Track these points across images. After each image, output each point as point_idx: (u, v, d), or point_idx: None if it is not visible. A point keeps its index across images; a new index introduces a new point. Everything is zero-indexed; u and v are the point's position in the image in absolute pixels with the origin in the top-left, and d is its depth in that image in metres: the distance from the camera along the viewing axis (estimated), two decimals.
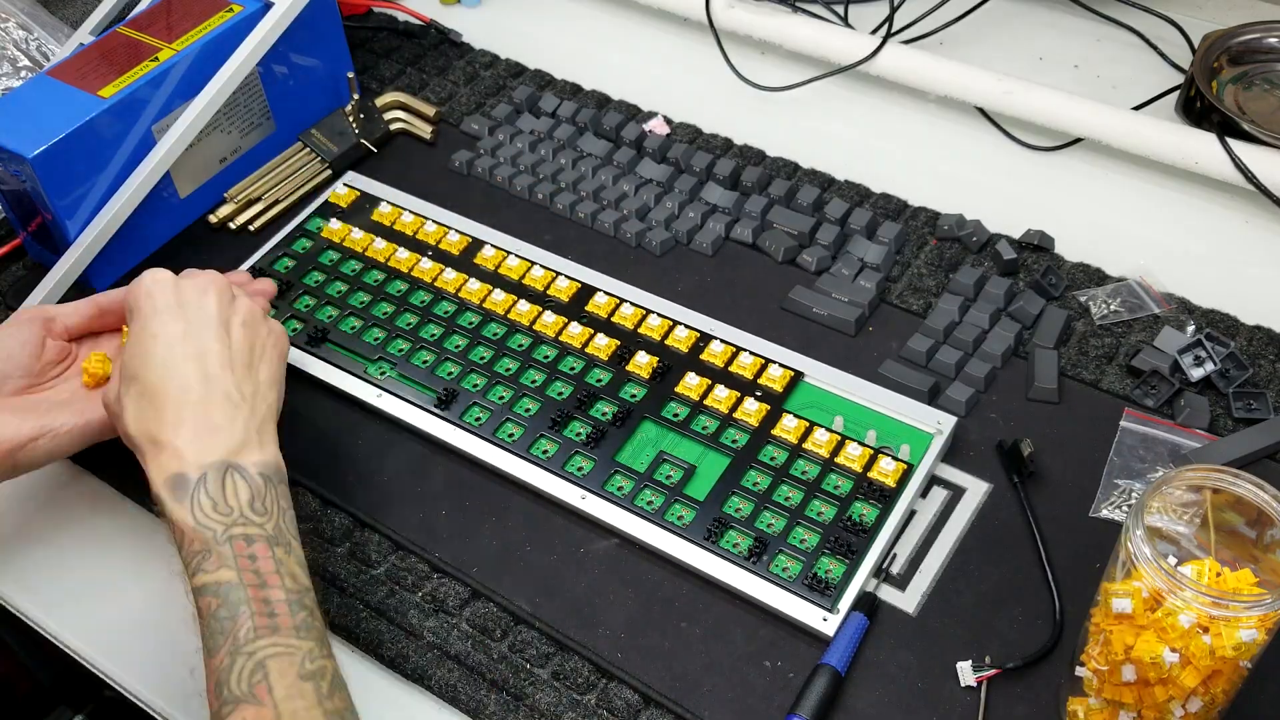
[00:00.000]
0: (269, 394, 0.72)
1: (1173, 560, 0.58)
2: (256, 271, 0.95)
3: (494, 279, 0.92)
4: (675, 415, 0.82)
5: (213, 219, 1.01)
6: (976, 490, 0.79)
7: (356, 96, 1.07)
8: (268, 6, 0.97)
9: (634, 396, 0.84)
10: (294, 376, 0.84)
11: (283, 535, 0.66)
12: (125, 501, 0.83)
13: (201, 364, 0.69)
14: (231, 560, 0.63)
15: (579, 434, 0.82)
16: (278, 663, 0.61)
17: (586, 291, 0.91)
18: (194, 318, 0.71)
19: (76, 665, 0.79)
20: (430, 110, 1.08)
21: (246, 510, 0.65)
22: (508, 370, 0.86)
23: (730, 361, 0.85)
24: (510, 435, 0.82)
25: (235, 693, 0.60)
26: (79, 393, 0.79)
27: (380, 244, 0.95)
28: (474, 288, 0.91)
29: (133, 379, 0.69)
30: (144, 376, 0.69)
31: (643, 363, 0.85)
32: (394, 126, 1.08)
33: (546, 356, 0.86)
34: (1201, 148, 0.95)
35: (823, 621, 0.72)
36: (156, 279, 0.73)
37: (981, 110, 1.06)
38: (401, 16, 1.20)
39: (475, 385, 0.85)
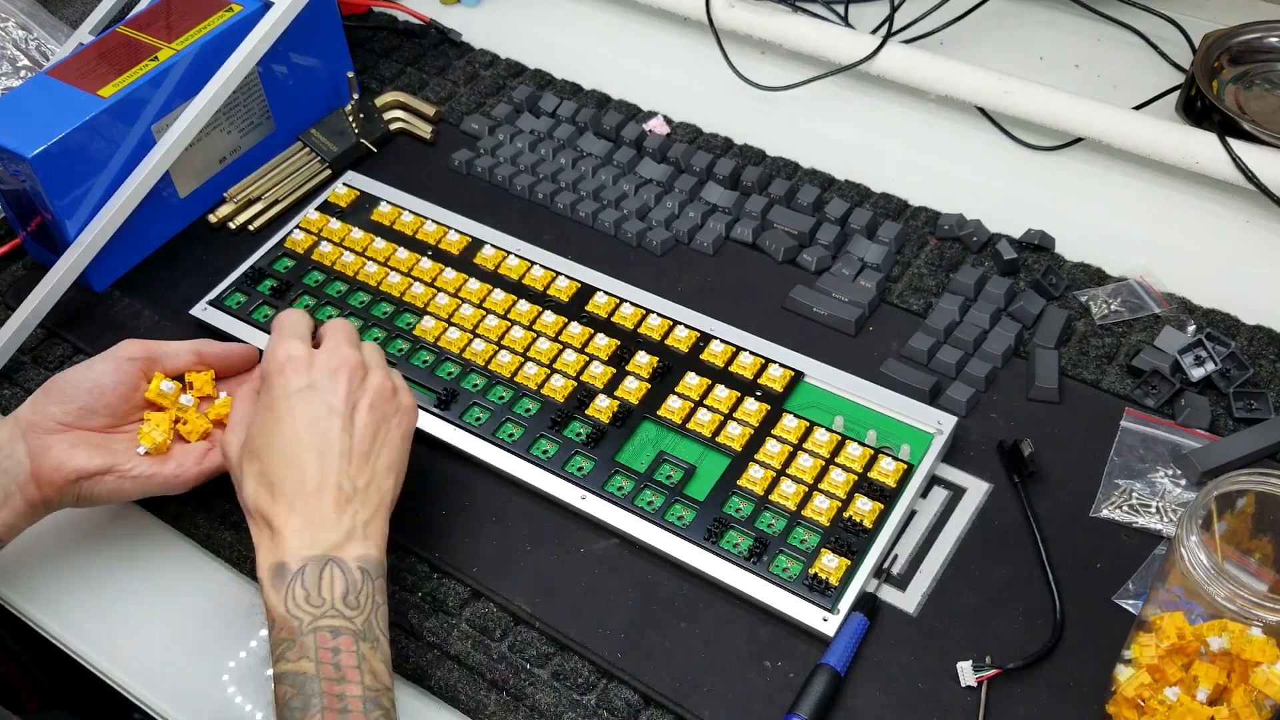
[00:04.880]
0: (384, 483, 0.71)
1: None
2: (256, 271, 0.94)
3: (494, 279, 0.92)
4: (675, 415, 0.82)
5: (212, 219, 1.00)
6: (977, 490, 0.79)
7: (356, 96, 1.07)
8: (267, 6, 0.97)
9: (634, 396, 0.83)
10: None
11: (371, 631, 0.65)
12: (136, 509, 0.83)
13: (322, 455, 0.69)
14: (313, 652, 0.63)
15: (579, 434, 0.82)
16: None
17: (586, 291, 0.90)
18: (320, 403, 0.70)
19: (105, 687, 0.78)
20: (430, 110, 1.08)
21: (339, 603, 0.65)
22: (508, 370, 0.86)
23: (730, 361, 0.85)
24: (510, 435, 0.82)
25: None
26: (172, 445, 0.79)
27: (380, 244, 0.95)
28: (474, 287, 0.91)
29: (255, 456, 0.70)
30: (265, 458, 0.69)
31: (643, 363, 0.85)
32: (394, 126, 1.07)
33: (547, 356, 0.86)
34: (1202, 147, 0.95)
35: (823, 622, 0.72)
36: (291, 355, 0.72)
37: (981, 110, 1.06)
38: (401, 16, 1.20)
39: (475, 385, 0.85)
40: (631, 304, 0.89)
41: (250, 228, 1.00)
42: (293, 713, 0.62)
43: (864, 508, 0.76)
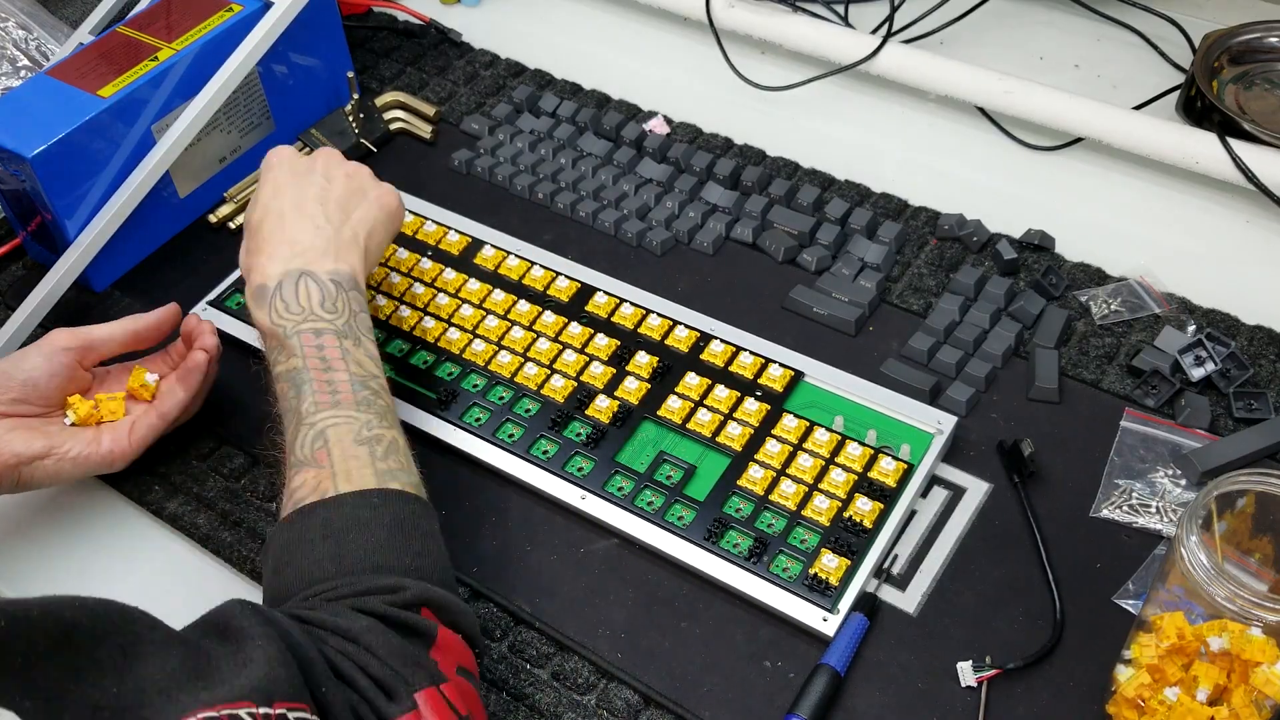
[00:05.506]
0: (358, 227, 0.79)
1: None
2: None
3: (494, 279, 0.92)
4: (675, 415, 0.82)
5: (212, 219, 1.00)
6: (977, 490, 0.79)
7: (356, 96, 1.07)
8: (267, 6, 0.97)
9: (634, 397, 0.83)
10: None
11: (352, 331, 0.73)
12: (135, 509, 0.83)
13: (298, 202, 0.78)
14: (299, 350, 0.71)
15: (579, 434, 0.82)
16: (336, 431, 0.68)
17: (586, 291, 0.90)
18: (301, 169, 0.80)
19: None
20: (430, 110, 1.08)
21: (317, 309, 0.73)
22: (508, 371, 0.86)
23: (730, 361, 0.85)
24: (510, 435, 0.82)
25: (299, 457, 0.68)
26: (103, 423, 0.80)
27: None
28: (474, 288, 0.91)
29: (246, 224, 0.79)
30: (251, 219, 0.79)
31: (643, 363, 0.85)
32: (394, 126, 1.07)
33: (547, 357, 0.86)
34: (1202, 147, 0.95)
35: (823, 622, 0.72)
36: (280, 153, 0.82)
37: (981, 110, 1.06)
38: (401, 16, 1.20)
39: (475, 385, 0.85)
40: (631, 304, 0.89)
41: None
42: (290, 402, 0.70)
43: (864, 508, 0.76)
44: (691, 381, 0.84)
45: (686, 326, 0.87)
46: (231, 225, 1.00)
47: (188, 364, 0.82)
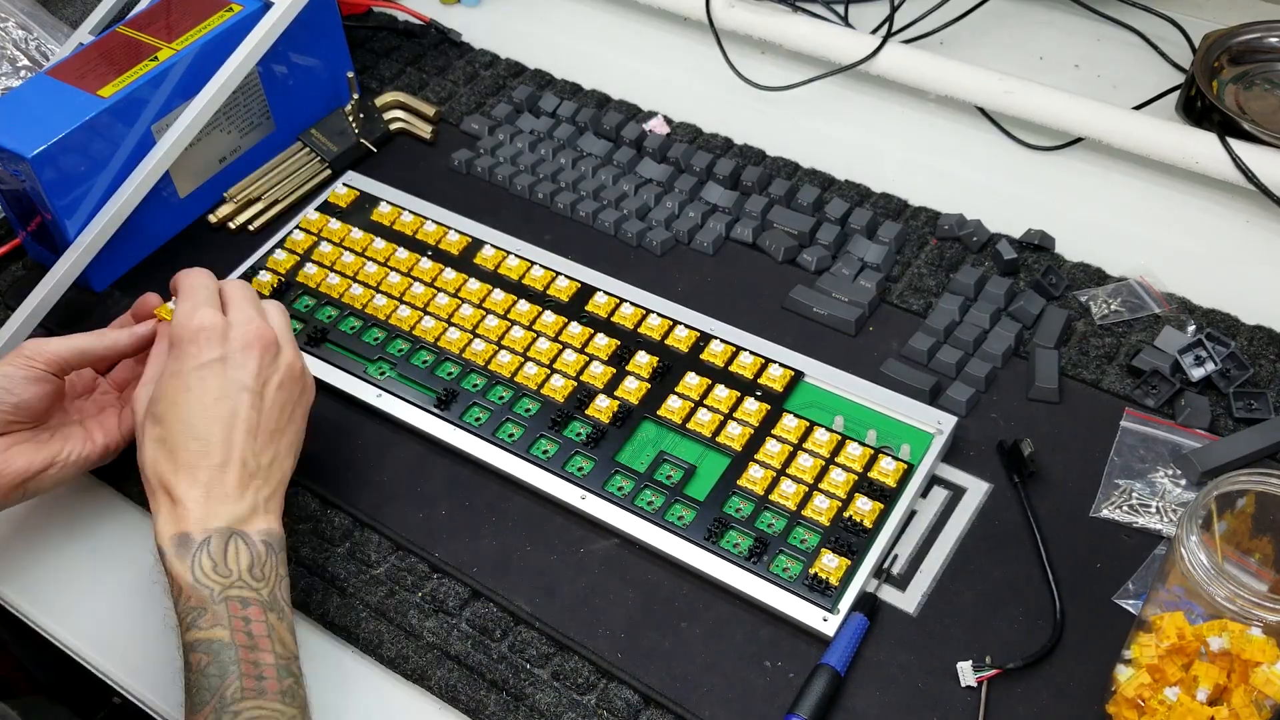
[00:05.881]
0: (285, 461, 0.73)
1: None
2: (256, 271, 0.94)
3: (494, 279, 0.92)
4: (675, 415, 0.82)
5: (212, 219, 1.00)
6: (977, 490, 0.79)
7: (356, 96, 1.07)
8: (267, 6, 0.97)
9: (634, 396, 0.83)
10: None
11: (277, 602, 0.67)
12: (136, 509, 0.83)
13: (228, 428, 0.70)
14: (226, 620, 0.65)
15: (579, 434, 0.82)
16: None
17: (586, 291, 0.90)
18: (232, 378, 0.71)
19: (79, 668, 0.78)
20: (430, 110, 1.08)
21: (245, 575, 0.67)
22: (508, 370, 0.86)
23: (730, 361, 0.85)
24: (510, 435, 0.82)
25: None
26: (88, 420, 0.80)
27: (380, 244, 0.95)
28: (474, 287, 0.91)
29: (158, 421, 0.70)
30: (169, 425, 0.70)
31: (643, 362, 0.85)
32: (394, 126, 1.07)
33: (546, 356, 0.86)
34: (1202, 148, 0.95)
35: (823, 622, 0.72)
36: (204, 325, 0.72)
37: (981, 110, 1.06)
38: (401, 16, 1.20)
39: (475, 385, 0.85)
40: (631, 304, 0.89)
41: (250, 228, 1.00)
42: (209, 679, 0.63)
43: (864, 508, 0.76)
44: (691, 381, 0.84)
45: (686, 326, 0.87)
46: (232, 225, 1.00)
47: (139, 334, 0.80)
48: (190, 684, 0.64)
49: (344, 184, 1.01)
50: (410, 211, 0.98)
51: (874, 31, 1.09)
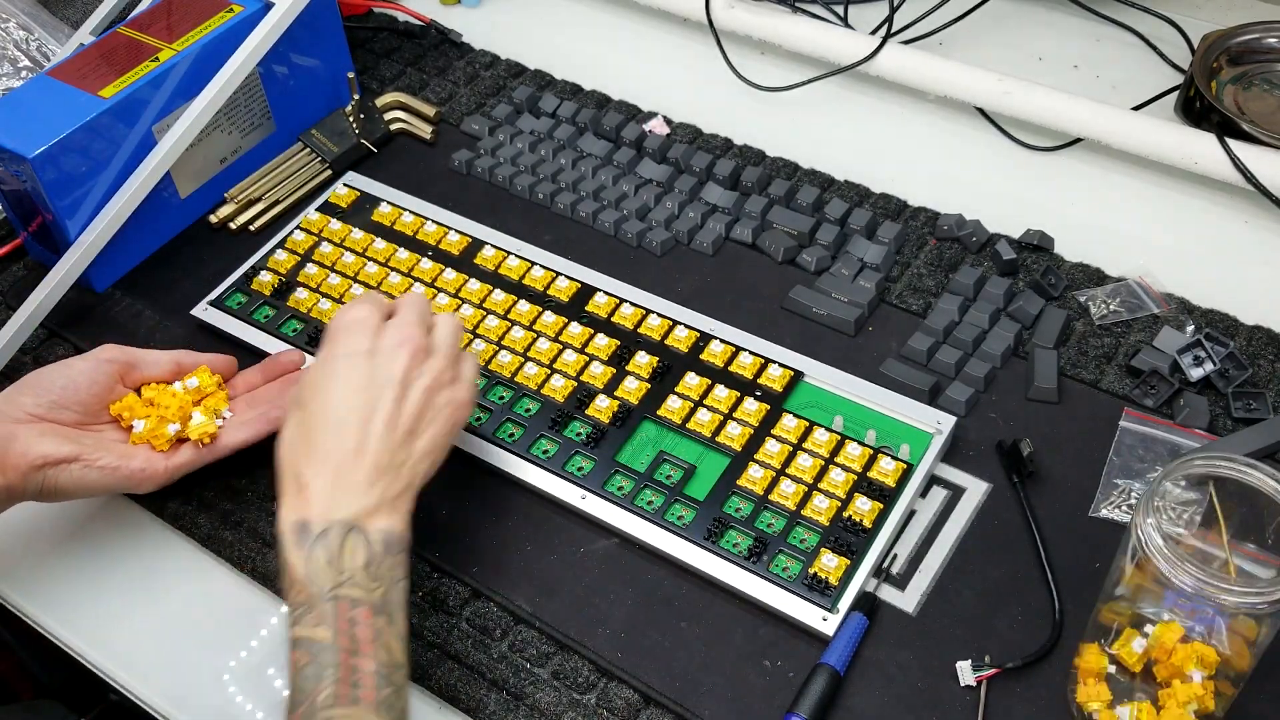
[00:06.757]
0: (420, 465, 0.70)
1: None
2: (256, 271, 0.95)
3: (494, 279, 0.92)
4: (675, 415, 0.82)
5: (213, 219, 1.01)
6: (976, 490, 0.79)
7: (356, 96, 1.07)
8: (268, 6, 0.97)
9: (634, 396, 0.84)
10: None
11: (388, 605, 0.65)
12: (136, 508, 0.83)
13: (366, 422, 0.69)
14: (331, 620, 0.63)
15: (579, 434, 0.82)
16: None
17: (586, 291, 0.91)
18: (379, 373, 0.70)
19: (80, 668, 0.79)
20: (430, 110, 1.08)
21: (359, 574, 0.65)
22: (508, 370, 0.86)
23: (730, 361, 0.85)
24: (510, 435, 0.82)
25: None
26: (125, 441, 0.79)
27: (380, 244, 0.95)
28: (474, 288, 0.91)
29: (302, 406, 0.70)
30: (310, 411, 0.69)
31: (643, 363, 0.85)
32: (394, 126, 1.08)
33: (547, 356, 0.87)
34: (1201, 148, 0.95)
35: (822, 621, 0.72)
36: (359, 318, 0.72)
37: (981, 110, 1.06)
38: (401, 17, 1.20)
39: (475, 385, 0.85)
40: (631, 304, 0.89)
41: (251, 228, 1.00)
42: (305, 680, 0.62)
43: (863, 507, 0.76)
44: (691, 381, 0.84)
45: (686, 326, 0.87)
46: (233, 226, 1.00)
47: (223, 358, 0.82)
48: (291, 679, 0.62)
49: (344, 184, 1.02)
50: (411, 212, 0.98)
51: (873, 32, 1.09)
